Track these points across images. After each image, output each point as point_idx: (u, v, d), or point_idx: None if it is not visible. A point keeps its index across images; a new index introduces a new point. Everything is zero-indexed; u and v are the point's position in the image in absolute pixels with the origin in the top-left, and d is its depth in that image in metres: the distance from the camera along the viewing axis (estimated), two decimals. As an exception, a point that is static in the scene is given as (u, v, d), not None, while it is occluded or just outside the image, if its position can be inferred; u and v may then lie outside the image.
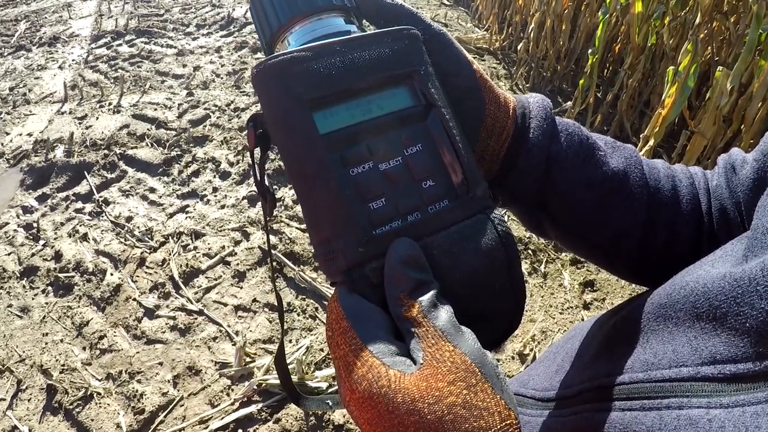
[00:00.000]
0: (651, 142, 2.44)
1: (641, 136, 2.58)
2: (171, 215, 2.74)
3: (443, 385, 0.29)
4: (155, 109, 3.58)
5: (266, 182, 0.43)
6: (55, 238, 2.63)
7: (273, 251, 2.44)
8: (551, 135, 0.46)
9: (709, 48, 2.70)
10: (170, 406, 1.90)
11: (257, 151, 0.41)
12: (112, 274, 2.41)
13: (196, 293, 2.31)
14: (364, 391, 0.30)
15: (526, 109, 0.46)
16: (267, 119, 0.37)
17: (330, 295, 2.12)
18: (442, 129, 0.38)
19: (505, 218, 0.39)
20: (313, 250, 0.40)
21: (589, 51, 2.96)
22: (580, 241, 0.50)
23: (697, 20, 2.38)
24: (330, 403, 0.53)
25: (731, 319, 0.32)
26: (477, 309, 0.36)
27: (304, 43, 0.39)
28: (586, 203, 0.47)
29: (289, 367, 1.93)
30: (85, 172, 3.03)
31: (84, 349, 2.12)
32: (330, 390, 1.88)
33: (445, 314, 0.32)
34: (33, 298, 2.35)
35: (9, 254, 2.57)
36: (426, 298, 0.32)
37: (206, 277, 2.38)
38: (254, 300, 2.26)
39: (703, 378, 0.33)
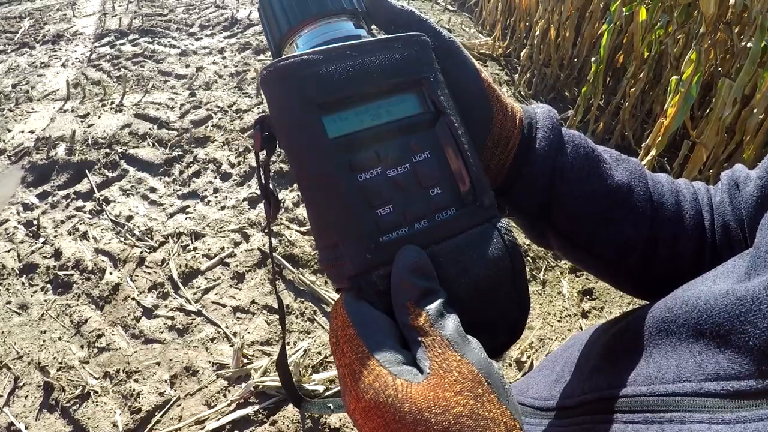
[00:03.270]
0: (653, 152, 2.44)
1: (643, 145, 2.58)
2: (171, 215, 2.74)
3: (450, 395, 0.29)
4: (157, 109, 3.58)
5: (271, 185, 0.42)
6: (55, 236, 2.63)
7: (273, 253, 2.44)
8: (557, 146, 0.46)
9: (713, 58, 2.70)
10: (167, 406, 1.89)
11: (263, 154, 0.41)
12: (111, 273, 2.41)
13: (194, 294, 2.30)
14: (371, 400, 0.30)
15: (533, 119, 0.46)
16: (275, 122, 0.37)
17: (330, 299, 2.12)
18: (451, 137, 0.38)
19: (512, 228, 0.39)
20: (317, 255, 0.39)
21: (593, 59, 2.97)
22: (582, 253, 0.50)
23: (701, 30, 2.39)
24: (331, 407, 0.52)
25: (734, 337, 0.33)
26: (481, 318, 0.36)
27: (313, 46, 0.39)
28: (590, 215, 0.47)
29: (287, 369, 1.93)
30: (86, 171, 3.03)
31: (82, 347, 2.12)
32: (328, 393, 1.88)
33: (451, 323, 0.32)
34: (32, 296, 2.35)
35: (9, 251, 2.56)
36: (433, 307, 0.32)
37: (205, 278, 2.38)
38: (253, 302, 2.26)
39: (705, 393, 0.33)
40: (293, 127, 0.35)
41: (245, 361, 2.00)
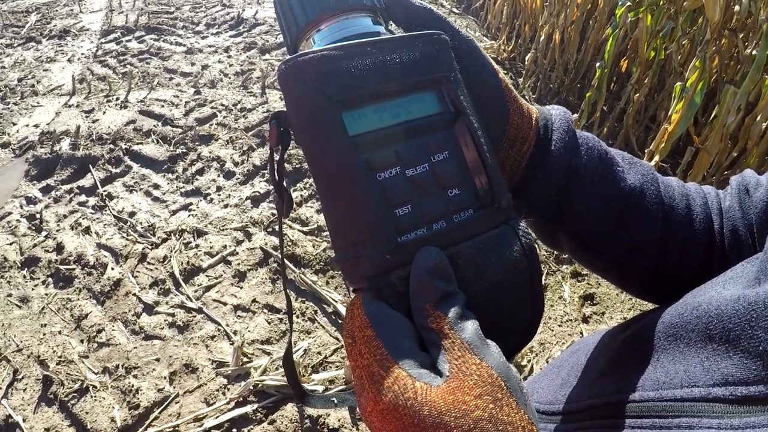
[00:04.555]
0: (656, 158, 2.44)
1: (646, 151, 2.58)
2: (174, 212, 2.74)
3: (470, 399, 0.29)
4: (162, 106, 3.59)
5: (284, 182, 0.42)
6: (57, 230, 2.63)
7: (275, 252, 2.44)
8: (572, 148, 0.46)
9: (717, 65, 2.70)
10: (165, 403, 1.89)
11: (277, 150, 0.40)
12: (112, 269, 2.41)
13: (196, 291, 2.30)
14: (389, 402, 0.29)
15: (548, 120, 0.46)
16: (292, 118, 0.36)
17: (330, 299, 2.11)
18: (470, 137, 0.37)
19: (529, 230, 0.39)
20: (333, 254, 0.38)
21: (597, 64, 2.97)
22: (593, 256, 0.50)
23: (706, 37, 2.39)
24: (335, 401, 0.52)
25: (744, 342, 0.33)
26: (497, 320, 0.35)
27: (331, 42, 0.38)
28: (603, 218, 0.47)
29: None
30: (90, 166, 3.03)
31: (82, 341, 2.12)
32: (327, 393, 1.87)
33: (471, 326, 0.31)
34: (33, 289, 2.35)
35: (11, 244, 2.57)
36: (453, 309, 0.32)
37: (207, 276, 2.38)
38: (254, 300, 2.26)
39: (714, 399, 0.33)
40: (312, 123, 0.34)
41: (245, 359, 2.00)
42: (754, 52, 2.22)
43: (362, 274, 0.33)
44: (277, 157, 0.42)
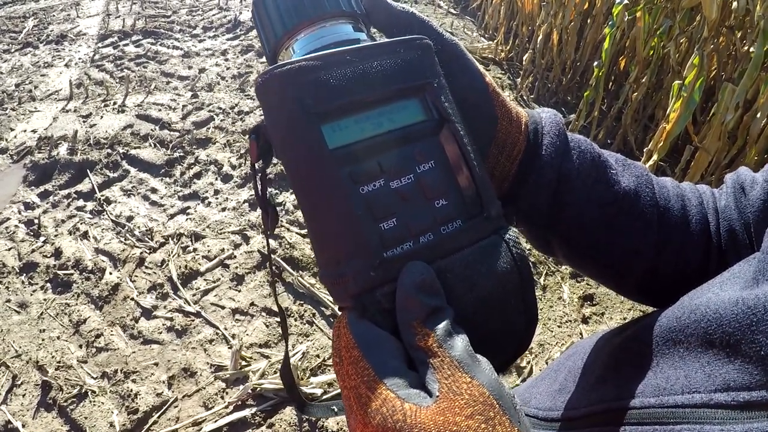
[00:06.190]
0: (655, 157, 2.44)
1: (645, 150, 2.58)
2: (172, 216, 2.74)
3: (461, 419, 0.28)
4: (159, 110, 3.58)
5: (268, 196, 0.41)
6: (55, 235, 2.63)
7: (273, 256, 2.44)
8: (564, 152, 0.45)
9: (715, 63, 2.70)
10: (164, 407, 1.89)
11: (259, 164, 0.39)
12: (111, 273, 2.40)
13: (194, 295, 2.30)
14: (378, 425, 0.29)
15: (538, 125, 0.45)
16: (271, 131, 0.35)
17: (329, 302, 2.10)
18: (456, 145, 0.36)
19: (520, 239, 0.38)
20: (318, 270, 0.37)
21: (595, 64, 2.97)
22: (589, 262, 0.49)
23: (704, 35, 2.39)
24: (335, 409, 0.52)
25: (745, 346, 0.32)
26: (488, 332, 0.34)
27: (311, 51, 0.37)
28: (597, 223, 0.46)
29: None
30: (88, 171, 3.03)
31: (80, 346, 2.11)
32: (326, 396, 1.87)
33: (460, 343, 0.30)
34: (31, 294, 2.34)
35: (9, 249, 2.56)
36: (441, 326, 0.31)
37: (205, 280, 2.38)
38: (252, 304, 2.25)
39: (716, 405, 0.32)
40: (291, 137, 0.33)
41: (243, 363, 2.00)
42: (751, 50, 2.22)
43: (347, 292, 0.32)
44: (259, 172, 0.41)
